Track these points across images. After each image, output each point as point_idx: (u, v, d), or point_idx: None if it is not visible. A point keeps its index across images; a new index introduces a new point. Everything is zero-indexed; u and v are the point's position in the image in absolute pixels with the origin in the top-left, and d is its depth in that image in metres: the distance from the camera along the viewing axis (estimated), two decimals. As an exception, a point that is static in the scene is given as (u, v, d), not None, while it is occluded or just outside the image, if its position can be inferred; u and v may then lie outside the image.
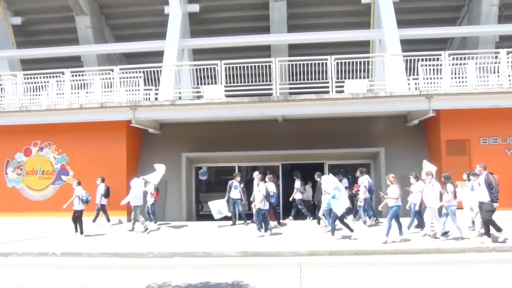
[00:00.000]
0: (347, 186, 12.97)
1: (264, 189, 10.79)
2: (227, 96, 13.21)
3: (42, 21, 18.86)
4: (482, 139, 13.15)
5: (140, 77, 13.88)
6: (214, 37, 17.18)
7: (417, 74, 13.09)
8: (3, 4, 18.26)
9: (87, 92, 14.35)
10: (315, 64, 13.14)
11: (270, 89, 13.15)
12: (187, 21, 17.37)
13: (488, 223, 9.05)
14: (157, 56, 16.05)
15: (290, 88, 14.06)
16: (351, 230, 9.97)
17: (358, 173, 12.25)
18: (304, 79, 13.28)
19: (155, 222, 12.63)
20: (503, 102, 12.54)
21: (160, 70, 14.29)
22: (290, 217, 13.51)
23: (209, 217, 13.38)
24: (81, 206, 11.31)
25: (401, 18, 15.95)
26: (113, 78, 13.93)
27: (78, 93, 14.24)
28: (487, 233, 9.07)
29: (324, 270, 7.74)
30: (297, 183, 13.21)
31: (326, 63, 12.96)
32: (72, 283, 7.36)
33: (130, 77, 13.98)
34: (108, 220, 13.25)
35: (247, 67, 13.42)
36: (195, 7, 17.38)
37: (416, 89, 13.18)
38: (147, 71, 13.97)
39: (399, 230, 9.53)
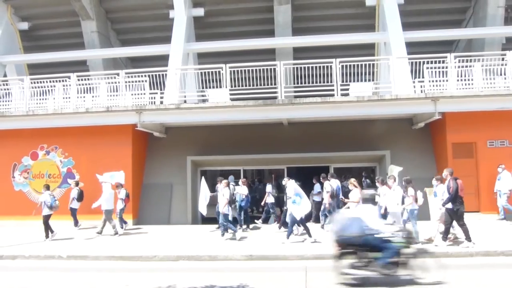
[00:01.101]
0: (320, 191, 12.67)
1: (227, 194, 10.86)
2: (232, 99, 13.24)
3: (49, 26, 19.05)
4: (489, 141, 13.04)
5: (146, 81, 13.94)
6: (219, 40, 17.24)
7: (423, 77, 13.02)
8: (10, 9, 18.48)
9: (93, 96, 14.44)
10: (320, 67, 13.15)
11: (275, 92, 13.15)
12: (192, 25, 17.46)
13: (463, 228, 9.08)
14: (162, 60, 16.14)
15: (295, 91, 14.04)
16: (310, 235, 10.10)
17: (321, 179, 12.21)
18: (309, 82, 13.26)
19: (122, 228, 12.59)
20: (510, 104, 12.44)
21: (165, 74, 14.36)
22: (260, 220, 13.36)
23: (214, 220, 13.39)
24: (47, 211, 11.34)
25: (406, 21, 15.90)
26: (118, 82, 14.02)
27: (84, 97, 14.34)
28: (468, 238, 9.07)
29: (330, 274, 7.67)
30: (268, 187, 13.09)
31: (331, 66, 12.96)
32: (78, 286, 7.38)
33: (136, 81, 14.04)
34: (75, 224, 13.06)
35: (252, 70, 13.43)
36: (200, 11, 17.47)
37: (421, 91, 13.11)
38: (152, 75, 14.05)
39: None
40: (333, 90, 12.85)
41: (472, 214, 12.60)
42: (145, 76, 14.00)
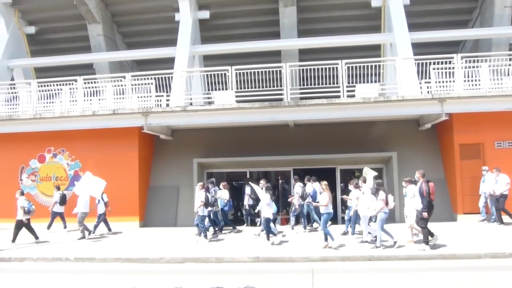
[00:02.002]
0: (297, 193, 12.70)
1: (203, 196, 11.04)
2: (238, 101, 13.24)
3: (55, 30, 19.21)
4: (496, 142, 12.93)
5: (152, 83, 14.00)
6: (224, 43, 17.28)
7: (429, 78, 12.95)
8: (17, 14, 18.66)
9: (99, 99, 14.52)
10: (325, 68, 13.13)
11: (281, 94, 13.14)
12: (197, 27, 17.51)
13: (424, 230, 9.15)
14: (168, 62, 16.19)
15: (301, 93, 14.04)
16: (275, 235, 10.54)
17: (293, 181, 12.42)
18: (315, 84, 13.25)
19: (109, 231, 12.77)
20: (517, 105, 12.33)
21: (171, 77, 14.41)
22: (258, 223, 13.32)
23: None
24: (25, 216, 11.31)
25: (412, 21, 15.83)
26: (125, 85, 14.09)
27: (90, 100, 14.43)
28: (425, 239, 9.12)
29: (337, 276, 7.66)
30: (247, 190, 13.08)
31: (336, 67, 12.94)
32: (86, 288, 7.43)
33: (142, 84, 14.11)
34: (48, 227, 13.21)
35: (258, 72, 13.45)
36: (205, 14, 17.52)
37: (428, 92, 13.04)
38: (158, 78, 14.11)
39: (331, 237, 9.60)
40: (339, 91, 12.82)
41: (480, 215, 12.50)
42: (151, 78, 14.06)
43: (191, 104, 14.57)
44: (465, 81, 12.89)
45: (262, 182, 11.66)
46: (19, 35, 18.86)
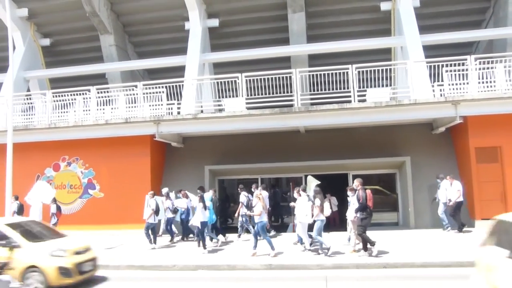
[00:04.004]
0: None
1: (153, 204, 11.27)
2: (248, 108, 13.25)
3: (69, 42, 19.58)
4: (514, 145, 12.60)
5: (163, 92, 14.13)
6: (234, 50, 17.32)
7: (442, 80, 12.74)
8: (33, 27, 19.11)
9: (112, 108, 14.71)
10: (336, 73, 13.03)
11: (291, 100, 13.10)
12: (207, 35, 17.64)
13: (363, 237, 9.22)
14: (179, 71, 16.33)
15: (312, 99, 13.95)
16: (204, 246, 10.55)
17: (238, 189, 12.53)
18: (325, 89, 13.16)
19: None
20: (535, 106, 12.02)
21: (182, 85, 14.51)
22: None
23: (234, 229, 13.35)
24: None
25: (423, 24, 15.66)
26: (136, 94, 14.25)
27: (103, 109, 14.63)
28: (364, 247, 9.21)
29: (351, 283, 7.54)
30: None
31: (347, 72, 12.82)
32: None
33: (153, 93, 14.24)
34: None
35: (268, 79, 13.43)
36: (214, 22, 17.65)
37: (441, 95, 12.81)
38: (169, 86, 14.23)
39: (270, 245, 9.64)
40: (350, 96, 12.70)
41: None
42: (162, 87, 14.19)
43: (202, 111, 14.61)
44: (479, 83, 12.62)
45: (210, 191, 12.20)
46: (35, 47, 19.28)
